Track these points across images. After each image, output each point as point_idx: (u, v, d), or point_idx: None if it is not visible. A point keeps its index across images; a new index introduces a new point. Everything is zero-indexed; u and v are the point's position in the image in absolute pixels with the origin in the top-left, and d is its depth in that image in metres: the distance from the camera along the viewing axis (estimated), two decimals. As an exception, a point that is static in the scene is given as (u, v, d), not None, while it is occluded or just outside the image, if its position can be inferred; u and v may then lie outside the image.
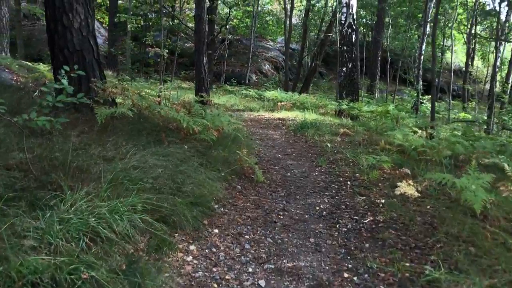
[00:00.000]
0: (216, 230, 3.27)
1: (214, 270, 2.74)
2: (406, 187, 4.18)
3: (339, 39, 12.53)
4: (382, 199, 4.09)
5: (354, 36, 12.19)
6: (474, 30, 24.07)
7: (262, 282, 2.67)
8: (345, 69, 12.20)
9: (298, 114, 11.28)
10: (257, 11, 24.07)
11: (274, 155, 6.33)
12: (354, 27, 12.18)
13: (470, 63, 24.96)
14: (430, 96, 14.25)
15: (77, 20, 5.62)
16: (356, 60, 12.35)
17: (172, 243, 2.89)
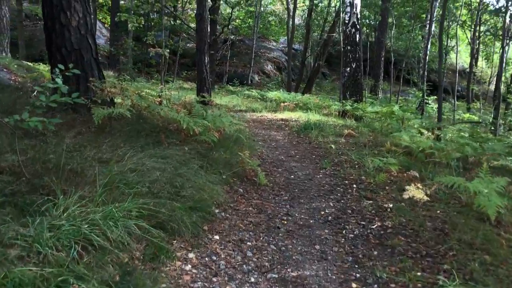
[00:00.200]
0: (216, 237, 3.11)
1: (214, 280, 2.58)
2: (414, 191, 4.01)
3: (343, 39, 12.37)
4: (390, 203, 3.93)
5: (357, 36, 12.03)
6: (478, 30, 23.87)
7: (265, 293, 2.51)
8: (348, 69, 12.03)
9: (301, 115, 11.11)
10: (259, 11, 23.93)
11: (277, 157, 6.17)
12: (358, 27, 12.01)
13: (474, 64, 24.75)
14: (435, 97, 14.09)
15: (75, 18, 5.48)
16: (360, 60, 12.19)
17: (169, 251, 2.73)
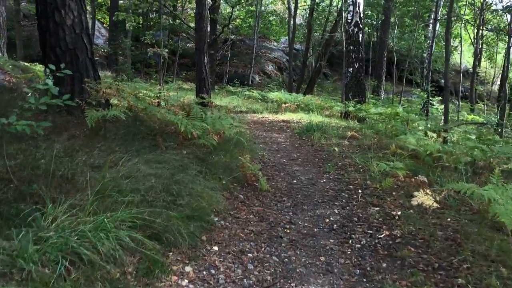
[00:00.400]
0: (215, 248, 2.93)
1: (212, 296, 2.40)
2: (423, 197, 3.84)
3: (345, 39, 12.19)
4: (398, 211, 3.74)
5: (360, 35, 11.85)
6: (481, 30, 23.65)
7: (267, 311, 2.33)
8: (351, 69, 11.85)
9: (303, 116, 10.92)
10: (260, 11, 23.74)
11: (279, 160, 5.99)
12: (361, 26, 11.83)
13: (477, 64, 24.52)
14: (439, 98, 13.89)
15: (69, 17, 5.30)
16: (362, 60, 12.00)
17: (165, 265, 2.55)
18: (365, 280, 2.72)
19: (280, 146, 7.09)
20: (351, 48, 11.84)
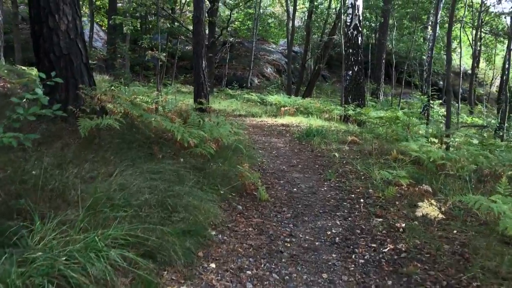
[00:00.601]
0: (212, 265, 2.79)
1: (209, 320, 2.27)
2: (427, 208, 3.72)
3: (344, 42, 12.09)
4: (402, 222, 3.61)
5: (359, 38, 11.75)
6: (480, 32, 23.61)
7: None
8: (350, 72, 11.75)
9: (303, 120, 10.81)
10: (258, 14, 23.65)
11: (278, 167, 5.86)
12: (360, 29, 11.73)
13: (476, 66, 24.45)
14: (439, 101, 13.78)
15: (64, 21, 5.17)
16: (361, 63, 11.90)
17: (159, 285, 2.42)
18: (370, 299, 2.59)
19: (279, 152, 6.96)
20: (350, 51, 11.74)
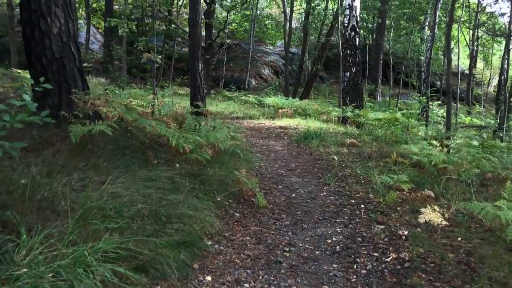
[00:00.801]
0: (208, 277, 2.67)
1: (204, 338, 2.15)
2: (430, 214, 3.62)
3: (342, 43, 12.00)
4: (405, 229, 3.50)
5: (357, 39, 11.66)
6: (476, 32, 23.60)
7: None
8: (348, 73, 11.66)
9: (301, 122, 10.71)
10: (255, 15, 23.56)
11: (276, 171, 5.75)
12: (358, 30, 11.64)
13: (473, 66, 24.42)
14: (439, 102, 13.70)
15: (56, 24, 5.05)
16: (359, 64, 11.81)
17: (152, 301, 2.30)
18: (373, 313, 2.48)
19: (277, 155, 6.85)
20: (348, 52, 11.65)
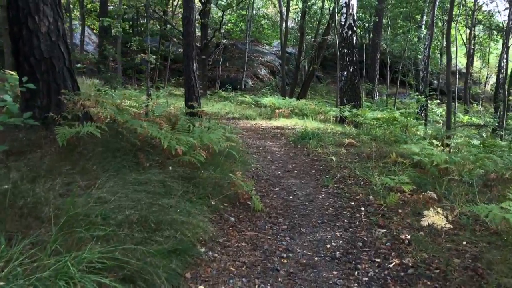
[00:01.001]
0: (201, 287, 2.52)
1: None
2: (433, 216, 3.46)
3: (339, 42, 11.87)
4: (407, 233, 3.36)
5: (354, 38, 11.53)
6: (473, 31, 23.55)
7: None
8: (346, 73, 11.52)
9: (298, 122, 10.57)
10: (251, 15, 23.42)
11: (273, 173, 5.60)
12: (355, 29, 11.51)
13: (470, 64, 24.37)
14: (437, 101, 13.59)
15: (44, 23, 4.89)
16: (357, 63, 11.68)
17: (140, 315, 2.15)
18: (376, 324, 2.33)
19: (274, 156, 6.70)
20: (345, 51, 11.52)
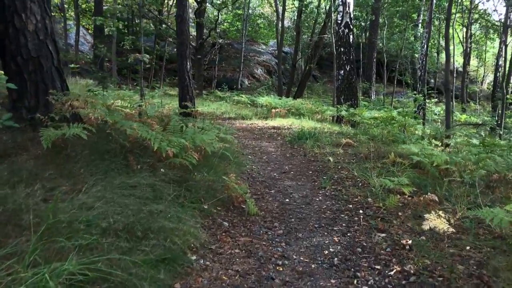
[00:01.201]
0: (191, 299, 2.38)
1: None
2: (435, 220, 3.34)
3: (335, 40, 11.74)
4: (408, 238, 3.22)
5: (351, 36, 11.40)
6: (470, 30, 23.51)
7: None
8: (342, 72, 11.40)
9: (294, 122, 10.44)
10: (247, 14, 23.27)
11: (269, 174, 5.45)
12: (351, 27, 11.39)
13: (467, 63, 24.32)
14: (436, 100, 13.49)
15: (32, 21, 4.72)
16: (353, 62, 11.56)
17: (124, 331, 2.00)
18: (377, 337, 2.19)
19: (270, 157, 6.56)
20: (342, 50, 11.40)
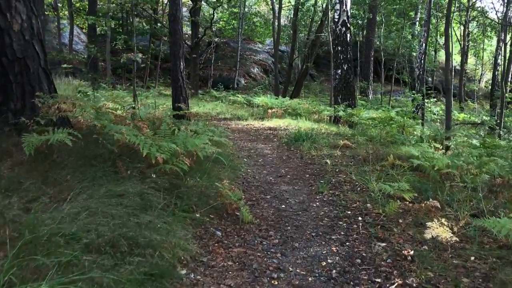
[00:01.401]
0: (180, 319, 2.22)
1: None
2: (437, 228, 3.18)
3: (333, 39, 11.58)
4: (410, 248, 3.07)
5: (348, 35, 11.25)
6: (467, 28, 23.40)
7: None
8: (340, 71, 11.24)
9: (291, 122, 10.28)
10: (243, 13, 23.08)
11: (264, 178, 5.30)
12: (348, 26, 11.23)
13: (465, 62, 24.23)
14: (434, 99, 13.37)
15: (17, 21, 4.54)
16: (351, 61, 11.40)
17: None
18: None
19: (266, 160, 6.40)
20: (339, 48, 11.24)
